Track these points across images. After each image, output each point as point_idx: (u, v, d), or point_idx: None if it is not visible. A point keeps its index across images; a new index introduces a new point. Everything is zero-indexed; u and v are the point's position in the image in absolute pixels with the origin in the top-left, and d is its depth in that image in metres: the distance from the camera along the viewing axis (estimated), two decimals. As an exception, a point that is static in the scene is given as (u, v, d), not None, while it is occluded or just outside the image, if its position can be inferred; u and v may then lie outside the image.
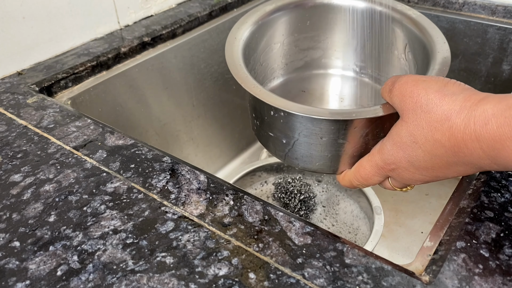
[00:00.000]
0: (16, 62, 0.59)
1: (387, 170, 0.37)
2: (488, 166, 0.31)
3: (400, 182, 0.38)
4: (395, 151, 0.35)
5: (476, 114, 0.29)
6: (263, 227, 0.35)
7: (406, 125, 0.33)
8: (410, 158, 0.34)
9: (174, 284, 0.31)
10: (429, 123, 0.32)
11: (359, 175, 0.39)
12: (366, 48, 0.53)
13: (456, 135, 0.30)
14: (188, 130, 0.77)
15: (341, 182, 0.42)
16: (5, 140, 0.46)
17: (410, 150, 0.34)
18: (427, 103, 0.32)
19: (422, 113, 0.32)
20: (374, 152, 0.37)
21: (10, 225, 0.36)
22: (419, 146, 0.33)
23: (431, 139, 0.32)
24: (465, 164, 0.32)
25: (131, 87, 0.65)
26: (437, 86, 0.32)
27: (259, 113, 0.42)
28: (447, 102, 0.31)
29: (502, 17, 0.68)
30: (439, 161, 0.33)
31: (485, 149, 0.29)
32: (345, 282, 0.30)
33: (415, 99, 0.33)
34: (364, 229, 0.61)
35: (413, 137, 0.33)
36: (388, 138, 0.36)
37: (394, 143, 0.35)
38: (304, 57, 0.55)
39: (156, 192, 0.38)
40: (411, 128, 0.33)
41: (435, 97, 0.32)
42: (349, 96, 0.54)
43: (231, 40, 0.45)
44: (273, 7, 0.50)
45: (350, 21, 0.52)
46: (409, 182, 0.37)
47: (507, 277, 0.30)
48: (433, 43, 0.43)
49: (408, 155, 0.34)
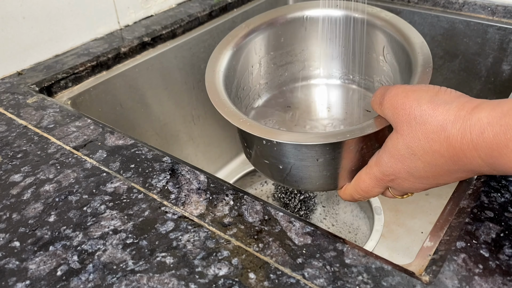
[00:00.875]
0: (16, 62, 0.59)
1: (386, 181, 0.37)
2: (489, 172, 0.31)
3: (400, 191, 0.38)
4: (393, 163, 0.35)
5: (472, 123, 0.29)
6: (263, 227, 0.35)
7: (402, 137, 0.33)
8: (410, 169, 0.34)
9: (174, 284, 0.31)
10: (425, 134, 0.32)
11: (359, 188, 0.39)
12: (344, 55, 0.53)
13: (454, 145, 0.30)
14: (188, 130, 0.77)
15: (342, 197, 0.42)
16: (5, 140, 0.46)
17: (409, 162, 0.33)
18: (421, 114, 0.32)
19: (417, 125, 0.32)
20: (371, 164, 0.37)
21: (10, 225, 0.36)
22: (418, 158, 0.33)
23: (430, 150, 0.32)
24: (466, 171, 0.32)
25: (131, 87, 0.65)
26: (429, 96, 0.32)
27: (251, 143, 0.42)
28: (441, 113, 0.31)
29: (502, 17, 0.68)
30: (440, 170, 0.33)
31: (484, 158, 0.29)
32: (345, 282, 0.30)
33: (407, 111, 0.32)
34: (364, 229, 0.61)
35: (410, 149, 0.33)
36: (384, 150, 0.36)
37: (391, 156, 0.35)
38: (283, 72, 0.55)
39: (156, 192, 0.38)
40: (408, 141, 0.33)
41: (428, 108, 0.31)
42: (335, 104, 0.54)
43: (210, 74, 0.45)
44: (246, 31, 0.50)
45: (324, 31, 0.52)
46: (409, 190, 0.37)
47: (507, 277, 0.30)
48: (412, 44, 0.43)
49: (407, 166, 0.34)
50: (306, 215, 0.63)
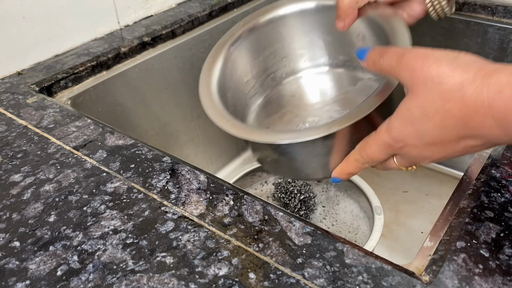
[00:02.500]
0: (16, 62, 0.59)
1: (394, 149, 0.36)
2: (498, 138, 0.30)
3: (407, 160, 0.36)
4: (403, 127, 0.34)
5: (490, 82, 0.29)
6: (263, 227, 0.35)
7: (416, 98, 0.33)
8: (419, 133, 0.33)
9: (174, 284, 0.31)
10: (440, 93, 0.31)
11: (365, 153, 0.38)
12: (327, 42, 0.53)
13: (468, 103, 0.30)
14: (188, 130, 0.77)
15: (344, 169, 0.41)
16: (5, 140, 0.46)
17: (419, 124, 0.33)
18: (439, 74, 0.31)
19: (434, 85, 0.31)
20: (381, 130, 0.36)
21: (10, 225, 0.36)
22: (429, 119, 0.32)
23: (442, 110, 0.31)
24: (475, 137, 0.31)
25: (131, 87, 0.65)
26: (449, 58, 0.32)
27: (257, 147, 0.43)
28: (460, 73, 0.30)
29: (502, 17, 0.68)
30: (448, 134, 0.32)
31: (497, 118, 0.29)
32: (345, 282, 0.30)
33: (425, 72, 0.32)
34: (364, 229, 0.61)
35: (423, 110, 0.32)
36: (396, 115, 0.35)
37: (403, 119, 0.34)
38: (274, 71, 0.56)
39: (156, 192, 0.38)
40: (421, 101, 0.32)
41: (447, 69, 0.31)
42: (330, 90, 0.55)
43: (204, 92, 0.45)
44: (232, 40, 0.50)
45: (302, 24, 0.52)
46: (416, 160, 0.36)
47: (507, 277, 0.30)
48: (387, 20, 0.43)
49: (417, 130, 0.33)
50: (306, 215, 0.63)
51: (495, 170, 0.39)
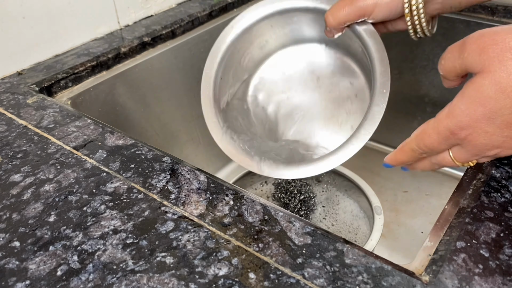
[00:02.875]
0: (16, 62, 0.59)
1: (457, 138, 0.33)
2: None
3: (470, 151, 0.33)
4: (471, 109, 0.31)
5: None
6: (263, 227, 0.35)
7: (490, 75, 0.30)
8: (492, 113, 0.30)
9: (174, 284, 0.31)
10: None
11: (423, 143, 0.35)
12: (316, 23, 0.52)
13: None
14: (188, 130, 0.77)
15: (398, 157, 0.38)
16: (5, 140, 0.46)
17: (494, 103, 0.30)
18: None
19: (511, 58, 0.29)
20: (441, 117, 0.33)
21: (10, 225, 0.36)
22: (506, 95, 0.29)
23: None
24: None
25: (131, 87, 0.65)
26: None
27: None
28: None
29: (502, 17, 0.68)
30: None
31: None
32: (345, 282, 0.30)
33: (500, 46, 0.30)
34: (364, 229, 0.61)
35: (499, 86, 0.29)
36: (460, 98, 0.32)
37: (471, 101, 0.31)
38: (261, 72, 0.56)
39: (156, 192, 0.38)
40: (497, 77, 0.30)
41: None
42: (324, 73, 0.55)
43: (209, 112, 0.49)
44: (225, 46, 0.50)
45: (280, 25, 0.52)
46: (483, 149, 0.33)
47: (507, 277, 0.30)
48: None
49: (490, 110, 0.30)
50: (306, 215, 0.63)
51: (495, 170, 0.39)
